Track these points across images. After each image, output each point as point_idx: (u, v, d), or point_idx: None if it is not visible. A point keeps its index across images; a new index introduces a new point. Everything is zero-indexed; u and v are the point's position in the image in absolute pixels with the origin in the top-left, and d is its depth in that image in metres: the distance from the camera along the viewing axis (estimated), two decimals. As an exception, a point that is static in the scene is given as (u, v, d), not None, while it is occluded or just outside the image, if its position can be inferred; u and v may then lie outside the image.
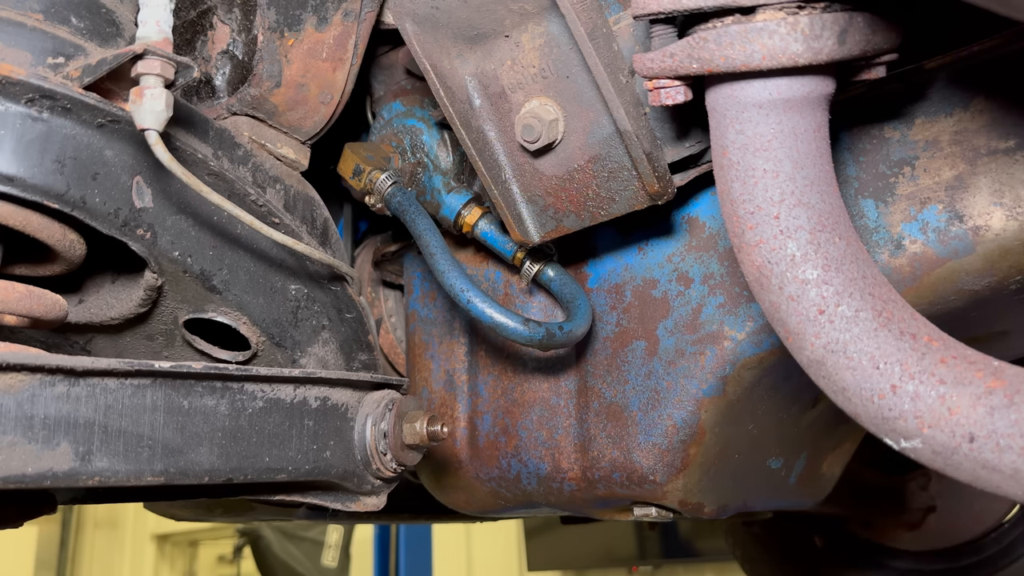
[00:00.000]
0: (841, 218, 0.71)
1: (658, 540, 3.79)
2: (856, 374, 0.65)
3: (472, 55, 0.93)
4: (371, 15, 1.07)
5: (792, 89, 0.70)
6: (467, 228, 1.18)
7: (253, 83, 1.02)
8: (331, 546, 5.11)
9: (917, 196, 0.95)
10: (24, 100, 0.77)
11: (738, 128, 0.71)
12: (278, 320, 1.00)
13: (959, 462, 0.61)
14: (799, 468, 1.36)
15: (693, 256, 1.10)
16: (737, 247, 0.73)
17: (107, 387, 0.73)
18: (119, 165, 0.82)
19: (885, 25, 0.72)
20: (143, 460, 0.75)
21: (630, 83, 0.88)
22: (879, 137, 0.98)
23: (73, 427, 0.70)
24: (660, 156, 0.91)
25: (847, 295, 0.67)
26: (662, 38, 0.76)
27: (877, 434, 0.67)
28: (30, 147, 0.77)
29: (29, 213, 0.81)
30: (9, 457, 0.67)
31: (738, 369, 1.07)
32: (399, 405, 0.97)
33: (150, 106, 0.77)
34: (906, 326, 0.65)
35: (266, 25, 1.01)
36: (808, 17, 0.68)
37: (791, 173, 0.70)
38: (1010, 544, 1.98)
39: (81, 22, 0.85)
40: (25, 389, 0.68)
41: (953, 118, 0.94)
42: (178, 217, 0.88)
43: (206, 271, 0.91)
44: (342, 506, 1.01)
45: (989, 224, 0.91)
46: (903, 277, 0.96)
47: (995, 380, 0.60)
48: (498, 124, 0.95)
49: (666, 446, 1.11)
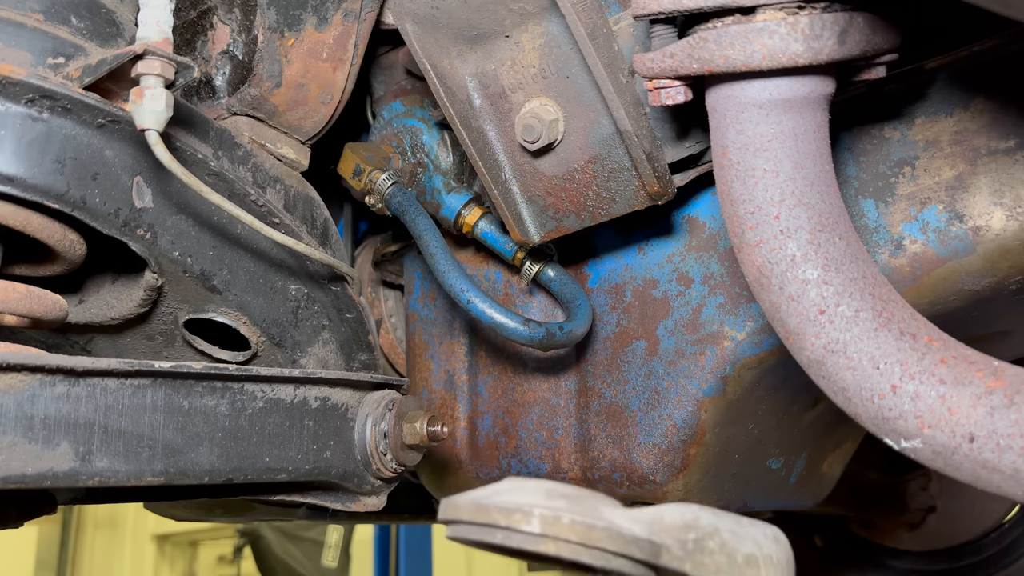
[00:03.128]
0: (841, 218, 0.71)
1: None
2: (856, 374, 0.65)
3: (472, 55, 0.93)
4: (371, 15, 1.07)
5: (792, 89, 0.70)
6: (467, 228, 1.18)
7: (253, 83, 1.01)
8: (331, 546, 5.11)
9: (917, 196, 0.95)
10: (24, 100, 0.77)
11: (738, 128, 0.71)
12: (278, 320, 1.00)
13: (959, 462, 0.61)
14: (799, 468, 1.36)
15: (693, 256, 1.10)
16: (737, 247, 0.73)
17: (107, 387, 0.73)
18: (119, 165, 0.82)
19: (885, 25, 0.71)
20: (143, 460, 0.75)
21: (630, 83, 0.87)
22: (879, 137, 0.98)
23: (73, 427, 0.70)
24: (660, 156, 0.91)
25: (847, 295, 0.67)
26: (662, 38, 0.76)
27: (877, 434, 0.67)
28: (30, 147, 0.77)
29: (29, 213, 0.81)
30: (9, 457, 0.67)
31: (738, 369, 1.07)
32: (399, 405, 0.97)
33: (150, 106, 0.77)
34: (906, 326, 0.65)
35: (266, 25, 1.00)
36: (808, 17, 0.68)
37: (791, 173, 0.70)
38: (1010, 544, 1.98)
39: (81, 22, 0.85)
40: (25, 389, 0.68)
41: (953, 118, 0.93)
42: (178, 217, 0.88)
43: (206, 271, 0.91)
44: (342, 506, 1.01)
45: (989, 224, 0.91)
46: (903, 277, 0.96)
47: (995, 380, 0.60)
48: (498, 124, 0.95)
49: (666, 446, 1.11)
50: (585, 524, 0.55)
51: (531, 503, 0.56)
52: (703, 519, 0.60)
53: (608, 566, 0.56)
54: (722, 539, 0.59)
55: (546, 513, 0.55)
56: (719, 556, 0.59)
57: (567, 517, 0.55)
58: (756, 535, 0.61)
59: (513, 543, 0.55)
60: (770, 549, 0.61)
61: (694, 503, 1.19)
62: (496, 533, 0.56)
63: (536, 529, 0.54)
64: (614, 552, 0.55)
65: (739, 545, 0.60)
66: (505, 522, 0.55)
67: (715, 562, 0.58)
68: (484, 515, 0.56)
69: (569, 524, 0.54)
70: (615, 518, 0.57)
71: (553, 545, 0.55)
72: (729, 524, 0.60)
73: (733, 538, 0.60)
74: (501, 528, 0.56)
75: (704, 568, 0.58)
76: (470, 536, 0.58)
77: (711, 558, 0.58)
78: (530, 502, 0.56)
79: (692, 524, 0.60)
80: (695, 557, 0.58)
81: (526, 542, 0.55)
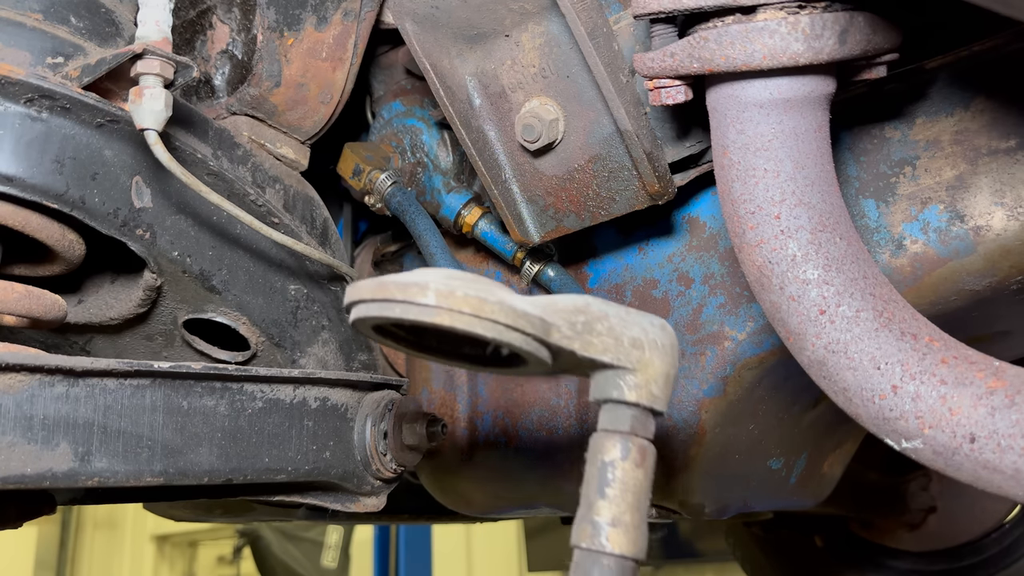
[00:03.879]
0: (842, 218, 0.70)
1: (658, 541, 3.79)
2: (857, 374, 0.65)
3: (472, 55, 0.93)
4: (371, 15, 1.07)
5: (793, 89, 0.70)
6: (467, 228, 1.18)
7: (252, 83, 1.01)
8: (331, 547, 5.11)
9: (918, 196, 0.95)
10: (23, 100, 0.77)
11: (739, 128, 0.71)
12: (277, 320, 1.00)
13: (960, 463, 0.60)
14: (800, 468, 1.36)
15: (694, 256, 1.10)
16: (738, 247, 0.73)
17: (106, 387, 0.73)
18: (118, 165, 0.82)
19: (886, 25, 0.71)
20: (142, 460, 0.75)
21: (630, 83, 0.87)
22: (880, 137, 0.98)
23: (72, 427, 0.70)
24: (660, 156, 0.90)
25: (848, 295, 0.67)
26: (663, 37, 0.76)
27: (878, 435, 0.67)
28: (30, 147, 0.77)
29: (28, 213, 0.81)
30: (8, 457, 0.67)
31: (739, 369, 1.07)
32: (399, 406, 0.96)
33: (149, 106, 0.77)
34: (907, 326, 0.65)
35: (265, 25, 1.00)
36: (809, 17, 0.68)
37: (792, 173, 0.69)
38: (1011, 545, 1.98)
39: (80, 22, 0.85)
40: (24, 389, 0.68)
41: (954, 118, 0.93)
42: (177, 217, 0.88)
43: (205, 271, 0.91)
44: (342, 507, 1.01)
45: (990, 224, 0.91)
46: (904, 277, 0.96)
47: (996, 380, 0.60)
48: (498, 124, 0.95)
49: (666, 447, 1.11)
50: (478, 297, 0.57)
51: (428, 279, 0.58)
52: (593, 305, 0.63)
53: (501, 338, 0.57)
54: (610, 323, 0.62)
55: (441, 287, 0.57)
56: (607, 338, 0.62)
57: (461, 290, 0.57)
58: (643, 323, 0.64)
59: (410, 315, 0.57)
60: (656, 335, 0.64)
61: (695, 503, 1.19)
62: (394, 307, 0.57)
63: (431, 301, 0.56)
64: (506, 324, 0.57)
65: (626, 330, 0.62)
66: (401, 295, 0.57)
67: (602, 343, 0.61)
68: (382, 291, 0.58)
69: (463, 296, 0.56)
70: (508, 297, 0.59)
71: (448, 316, 0.56)
72: (618, 311, 0.63)
73: (620, 323, 0.63)
74: (398, 302, 0.57)
75: (592, 347, 0.61)
76: (371, 313, 0.59)
77: (599, 339, 0.61)
78: (427, 278, 0.58)
79: (583, 309, 0.62)
80: (583, 337, 0.61)
81: (422, 314, 0.56)
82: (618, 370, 0.63)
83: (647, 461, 0.62)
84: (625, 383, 0.62)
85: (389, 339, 0.66)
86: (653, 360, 0.63)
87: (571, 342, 0.61)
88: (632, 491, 0.61)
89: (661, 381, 0.63)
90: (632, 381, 0.62)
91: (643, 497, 0.62)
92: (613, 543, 0.60)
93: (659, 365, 0.63)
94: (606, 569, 0.60)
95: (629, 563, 0.61)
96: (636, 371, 0.62)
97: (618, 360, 0.62)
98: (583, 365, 0.64)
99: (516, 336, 0.58)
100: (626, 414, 0.62)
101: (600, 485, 0.62)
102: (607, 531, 0.61)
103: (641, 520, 0.62)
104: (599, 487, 0.62)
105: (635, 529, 0.61)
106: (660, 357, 0.63)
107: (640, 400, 0.62)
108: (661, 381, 0.63)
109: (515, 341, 0.58)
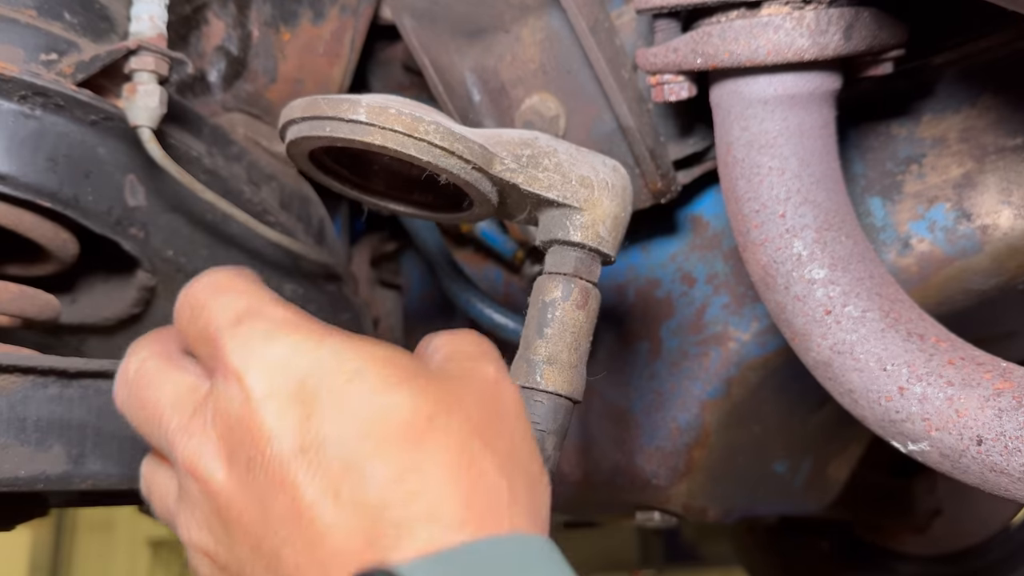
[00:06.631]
0: (848, 216, 0.70)
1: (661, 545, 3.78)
2: (863, 376, 0.64)
3: (471, 50, 0.93)
4: (368, 10, 1.06)
5: (798, 85, 0.69)
6: (466, 228, 1.17)
7: (248, 79, 1.01)
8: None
9: (924, 194, 0.94)
10: (17, 97, 0.76)
11: (743, 124, 0.71)
12: (275, 320, 0.99)
13: (967, 465, 0.60)
14: (805, 472, 1.35)
15: (697, 255, 1.09)
16: (742, 246, 0.72)
17: (100, 389, 0.72)
18: (112, 163, 0.82)
19: (891, 21, 0.71)
20: (137, 463, 0.74)
21: (633, 79, 0.87)
22: (886, 134, 0.97)
23: (66, 429, 0.70)
24: (663, 153, 0.90)
25: (854, 295, 0.66)
26: (665, 33, 0.75)
27: (884, 437, 0.66)
28: (23, 145, 0.77)
29: (21, 212, 0.80)
30: (2, 459, 0.67)
31: (743, 371, 1.06)
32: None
33: (143, 103, 0.77)
34: (914, 327, 0.65)
35: (261, 20, 1.00)
36: (814, 12, 0.67)
37: (797, 170, 0.69)
38: (1017, 548, 1.97)
39: (74, 17, 0.85)
40: (17, 391, 0.68)
41: (960, 115, 0.93)
42: (172, 216, 0.87)
43: (200, 271, 0.90)
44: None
45: (997, 223, 0.90)
46: (910, 277, 0.95)
47: (1003, 382, 0.59)
48: (498, 120, 0.95)
49: (669, 449, 1.10)
50: (413, 116, 0.54)
51: (362, 96, 0.55)
52: (542, 140, 0.61)
53: (437, 163, 0.55)
54: (558, 159, 0.60)
55: (374, 104, 0.54)
56: (553, 174, 0.60)
57: (395, 108, 0.54)
58: (594, 161, 0.62)
59: (340, 133, 0.54)
60: (607, 175, 0.62)
61: (699, 506, 1.18)
62: (324, 125, 0.55)
63: (362, 117, 0.54)
64: (442, 148, 0.54)
65: (575, 167, 0.60)
66: (332, 112, 0.54)
67: (549, 178, 0.59)
68: (313, 108, 0.55)
69: (396, 114, 0.54)
70: (447, 120, 0.56)
71: (379, 135, 0.54)
72: (567, 148, 0.61)
73: (569, 160, 0.61)
74: (328, 119, 0.55)
75: (537, 182, 0.59)
76: (302, 133, 0.56)
77: (545, 174, 0.59)
78: (361, 96, 0.55)
79: (529, 142, 0.60)
80: (528, 171, 0.59)
81: (353, 131, 0.54)
82: (564, 208, 0.60)
83: (590, 304, 0.60)
84: (571, 223, 0.60)
85: (331, 176, 0.62)
86: (602, 200, 0.60)
87: (515, 175, 0.58)
88: (571, 331, 0.60)
89: (609, 223, 0.61)
90: (579, 221, 0.60)
91: (583, 339, 0.60)
92: (548, 380, 0.59)
93: (608, 206, 0.61)
94: (537, 406, 0.59)
95: (563, 401, 0.59)
96: (583, 210, 0.60)
97: (564, 198, 0.60)
98: (529, 204, 0.61)
99: (454, 162, 0.55)
100: (570, 255, 0.60)
101: (539, 325, 0.60)
102: (542, 368, 0.59)
103: (579, 361, 0.60)
104: (538, 326, 0.60)
105: (571, 369, 0.59)
106: (610, 197, 0.61)
107: (585, 240, 0.60)
108: (609, 223, 0.61)
109: (453, 167, 0.55)
